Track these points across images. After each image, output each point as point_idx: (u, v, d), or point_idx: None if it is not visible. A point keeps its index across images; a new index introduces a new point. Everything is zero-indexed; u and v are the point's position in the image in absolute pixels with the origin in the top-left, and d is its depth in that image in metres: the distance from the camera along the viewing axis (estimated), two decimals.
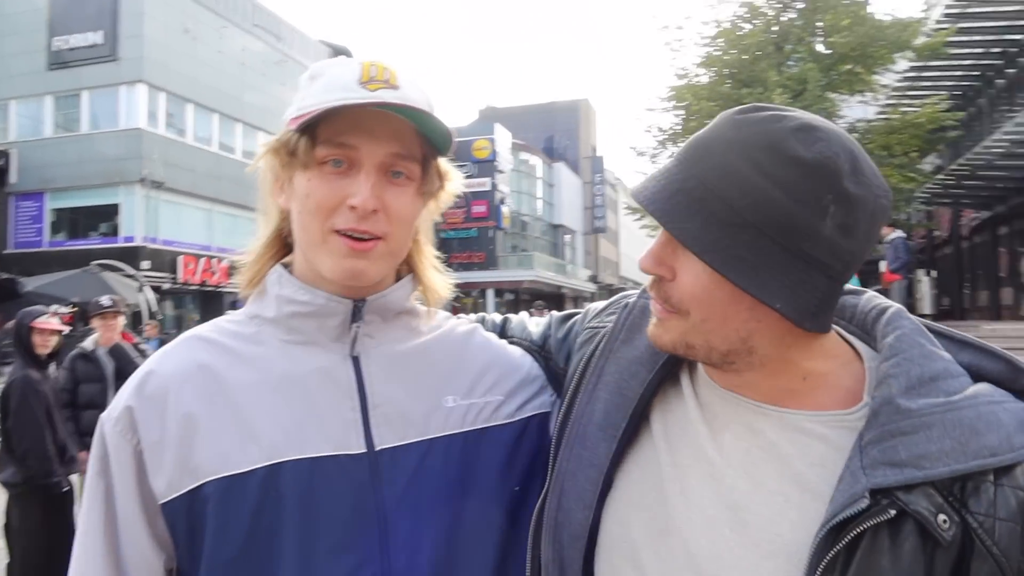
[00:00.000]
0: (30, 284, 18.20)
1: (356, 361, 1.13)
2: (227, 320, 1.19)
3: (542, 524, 1.10)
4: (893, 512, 0.81)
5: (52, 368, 5.22)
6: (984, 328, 11.69)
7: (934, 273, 18.56)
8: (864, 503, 0.81)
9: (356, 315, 1.12)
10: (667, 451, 1.02)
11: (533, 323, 1.41)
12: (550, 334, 1.34)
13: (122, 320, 6.21)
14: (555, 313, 1.37)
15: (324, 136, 1.05)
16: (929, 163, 20.10)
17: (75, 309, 16.62)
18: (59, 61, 25.21)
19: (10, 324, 4.30)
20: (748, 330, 0.91)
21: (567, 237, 55.22)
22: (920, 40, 16.77)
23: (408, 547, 1.06)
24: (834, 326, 0.99)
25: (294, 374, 1.10)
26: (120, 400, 1.09)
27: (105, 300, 6.08)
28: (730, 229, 0.86)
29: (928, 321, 0.99)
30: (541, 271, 42.11)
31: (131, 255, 23.08)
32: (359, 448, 1.07)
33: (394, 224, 1.08)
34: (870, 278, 15.96)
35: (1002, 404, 0.86)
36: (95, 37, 24.83)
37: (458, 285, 1.33)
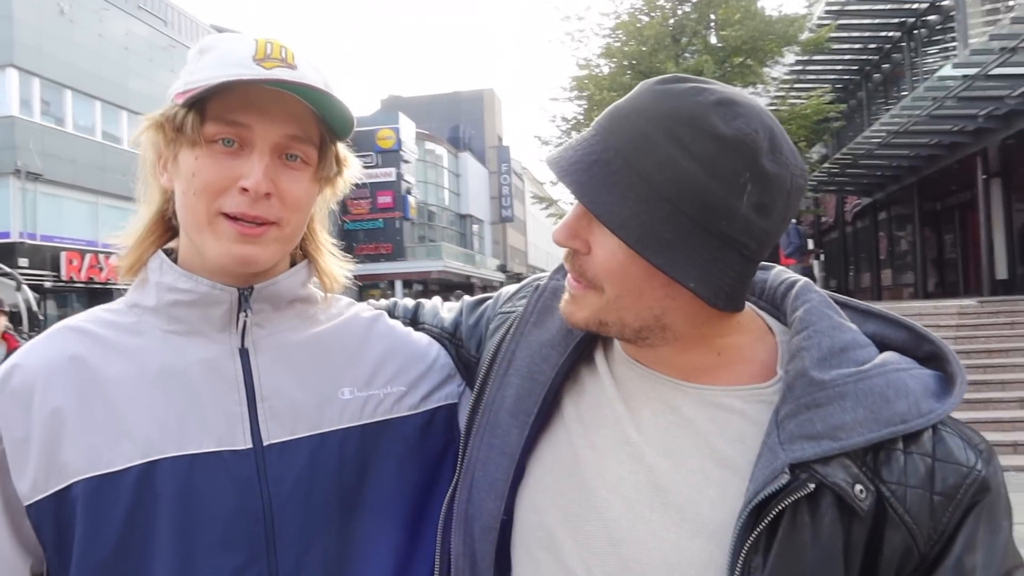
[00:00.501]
0: None
1: (244, 353, 1.07)
2: (104, 309, 1.11)
3: (452, 517, 1.05)
4: (812, 486, 0.80)
5: None
6: None
7: (822, 257, 19.57)
8: (784, 479, 0.80)
9: (243, 304, 1.06)
10: (582, 434, 0.99)
11: (446, 309, 1.35)
12: (461, 320, 1.28)
13: (3, 321, 5.98)
14: (467, 298, 1.32)
15: (214, 113, 0.99)
16: (816, 152, 21.16)
17: None
18: None
19: None
20: (662, 307, 0.90)
21: (475, 227, 55.35)
22: (805, 35, 17.63)
23: (297, 546, 1.01)
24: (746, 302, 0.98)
25: (175, 366, 1.03)
26: None
27: None
28: (646, 204, 0.83)
29: (832, 293, 0.99)
30: (450, 261, 42.06)
31: (6, 252, 21.48)
32: (244, 444, 1.02)
33: (288, 209, 1.03)
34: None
35: (908, 371, 0.86)
36: None
37: (366, 277, 1.27)
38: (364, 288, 39.15)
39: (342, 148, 1.13)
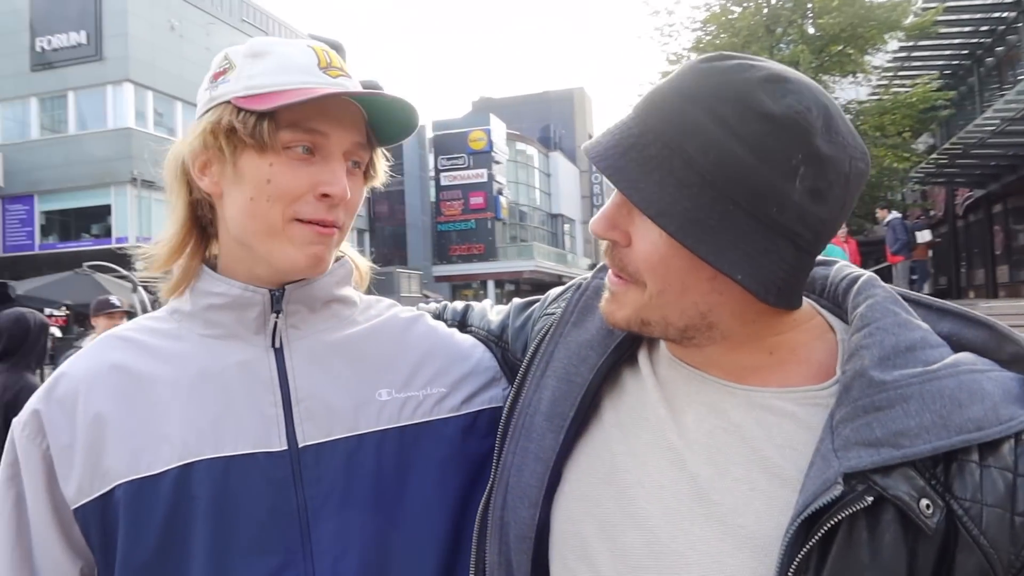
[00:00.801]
0: (21, 288, 18.14)
1: (279, 354, 1.07)
2: (148, 317, 1.14)
3: (487, 524, 1.02)
4: (870, 499, 0.72)
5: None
6: (982, 306, 11.67)
7: (930, 253, 18.51)
8: (838, 490, 0.73)
9: (275, 305, 1.06)
10: (621, 440, 0.94)
11: (495, 312, 1.32)
12: (508, 323, 1.24)
13: (124, 322, 6.22)
14: (516, 300, 1.28)
15: (290, 120, 0.99)
16: (923, 143, 20.02)
17: (68, 312, 16.59)
18: (43, 62, 25.04)
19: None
20: (708, 304, 0.84)
21: (566, 226, 55.20)
22: (909, 20, 16.73)
23: (334, 550, 1.00)
24: (805, 299, 0.90)
25: (212, 370, 1.04)
26: (29, 404, 1.05)
27: (115, 299, 6.09)
28: (689, 190, 0.77)
29: (903, 290, 0.91)
30: (541, 261, 42.09)
31: (124, 256, 22.96)
32: (280, 445, 1.02)
33: (348, 214, 1.07)
34: (869, 260, 15.91)
35: (986, 373, 0.77)
36: (79, 37, 24.65)
37: (458, 277, 1.27)
38: (457, 288, 39.90)
39: (379, 152, 1.15)
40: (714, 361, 0.90)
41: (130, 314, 6.20)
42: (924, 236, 13.68)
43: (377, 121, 1.08)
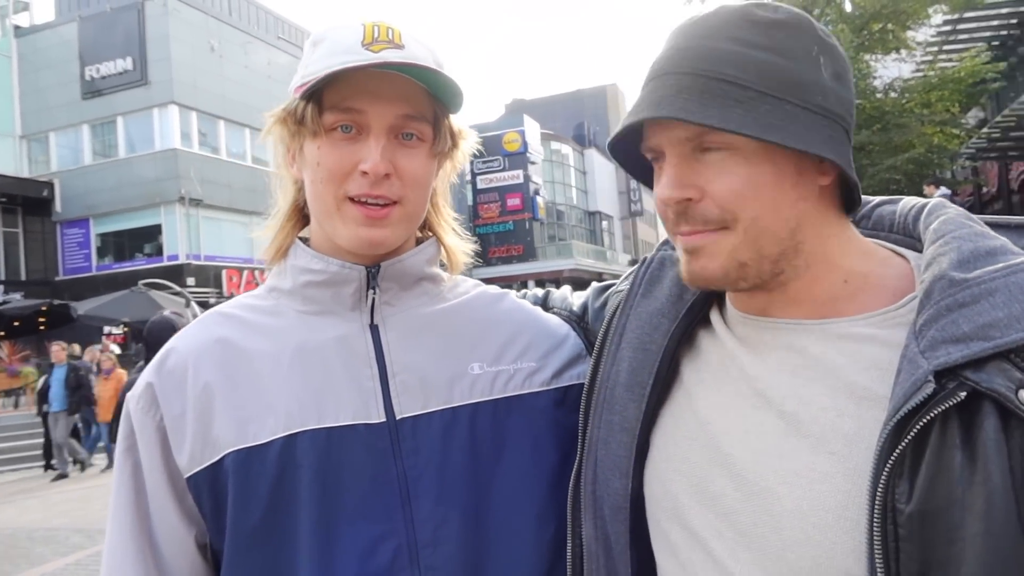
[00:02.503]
0: (81, 308, 18.72)
1: (375, 329, 1.10)
2: (248, 295, 1.19)
3: (579, 500, 1.03)
4: (963, 395, 0.70)
5: None
6: None
7: None
8: (929, 388, 0.71)
9: (371, 282, 1.09)
10: (704, 396, 0.95)
11: (575, 295, 1.34)
12: (588, 304, 1.27)
13: None
14: (595, 284, 1.31)
15: (330, 102, 1.02)
16: (972, 117, 19.44)
17: (126, 329, 17.05)
18: (93, 90, 25.84)
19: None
20: (796, 216, 0.86)
21: (604, 223, 54.82)
22: None
23: (434, 519, 1.02)
24: (873, 239, 0.95)
25: (311, 344, 1.08)
26: (143, 378, 1.09)
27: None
28: (748, 104, 0.82)
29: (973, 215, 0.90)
30: (580, 259, 41.92)
31: (176, 273, 23.58)
32: (379, 417, 1.04)
33: (408, 187, 1.05)
34: None
35: None
36: (124, 64, 25.39)
37: (499, 279, 1.30)
38: None
39: (456, 121, 1.14)
40: (794, 299, 0.90)
41: None
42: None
43: (437, 91, 1.06)
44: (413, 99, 1.04)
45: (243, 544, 1.01)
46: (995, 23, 18.86)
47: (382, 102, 1.02)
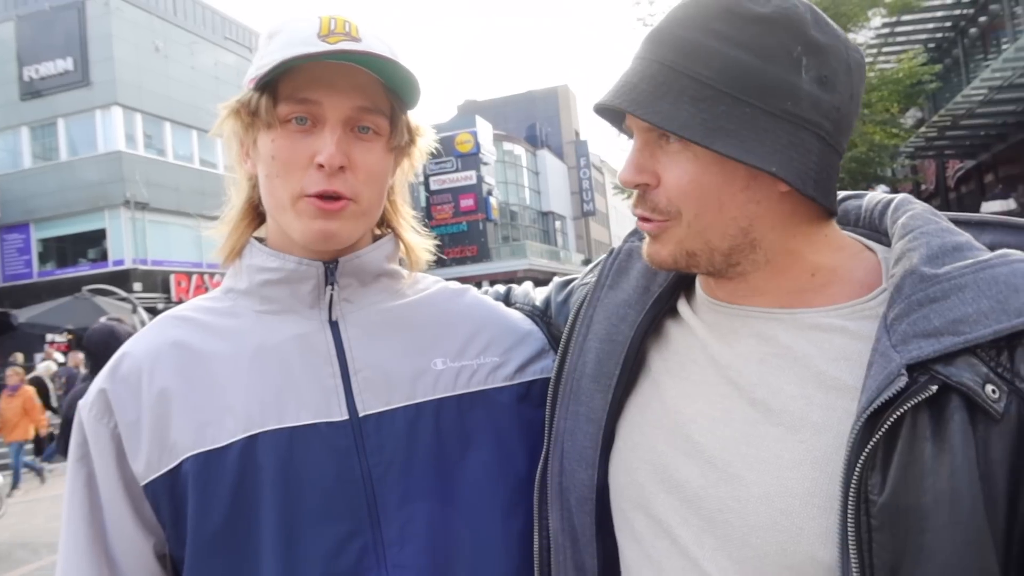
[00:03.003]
0: (22, 316, 18.08)
1: (335, 326, 1.08)
2: (202, 298, 1.16)
3: (546, 492, 1.04)
4: (934, 388, 0.72)
5: None
6: None
7: None
8: (902, 381, 0.72)
9: (329, 278, 1.08)
10: (672, 384, 0.96)
11: (538, 291, 1.34)
12: (551, 298, 1.27)
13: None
14: (558, 278, 1.31)
15: (285, 93, 1.01)
16: (911, 117, 20.09)
17: (70, 337, 16.54)
18: (31, 91, 24.87)
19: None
20: (748, 217, 0.85)
21: (557, 223, 55.06)
22: None
23: (400, 517, 1.01)
24: (841, 230, 0.93)
25: (270, 344, 1.06)
26: (95, 385, 1.06)
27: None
28: (704, 103, 0.80)
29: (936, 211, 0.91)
30: (535, 259, 42.01)
31: (122, 278, 22.87)
32: (341, 415, 1.03)
33: (363, 182, 1.04)
34: None
35: None
36: (65, 64, 24.47)
37: (453, 280, 1.29)
38: None
39: (414, 117, 1.12)
40: (758, 289, 0.90)
41: (130, 335, 6.20)
42: None
43: (394, 84, 1.05)
44: (369, 91, 1.03)
45: (204, 550, 0.98)
46: (931, 26, 19.55)
47: (338, 93, 1.01)
